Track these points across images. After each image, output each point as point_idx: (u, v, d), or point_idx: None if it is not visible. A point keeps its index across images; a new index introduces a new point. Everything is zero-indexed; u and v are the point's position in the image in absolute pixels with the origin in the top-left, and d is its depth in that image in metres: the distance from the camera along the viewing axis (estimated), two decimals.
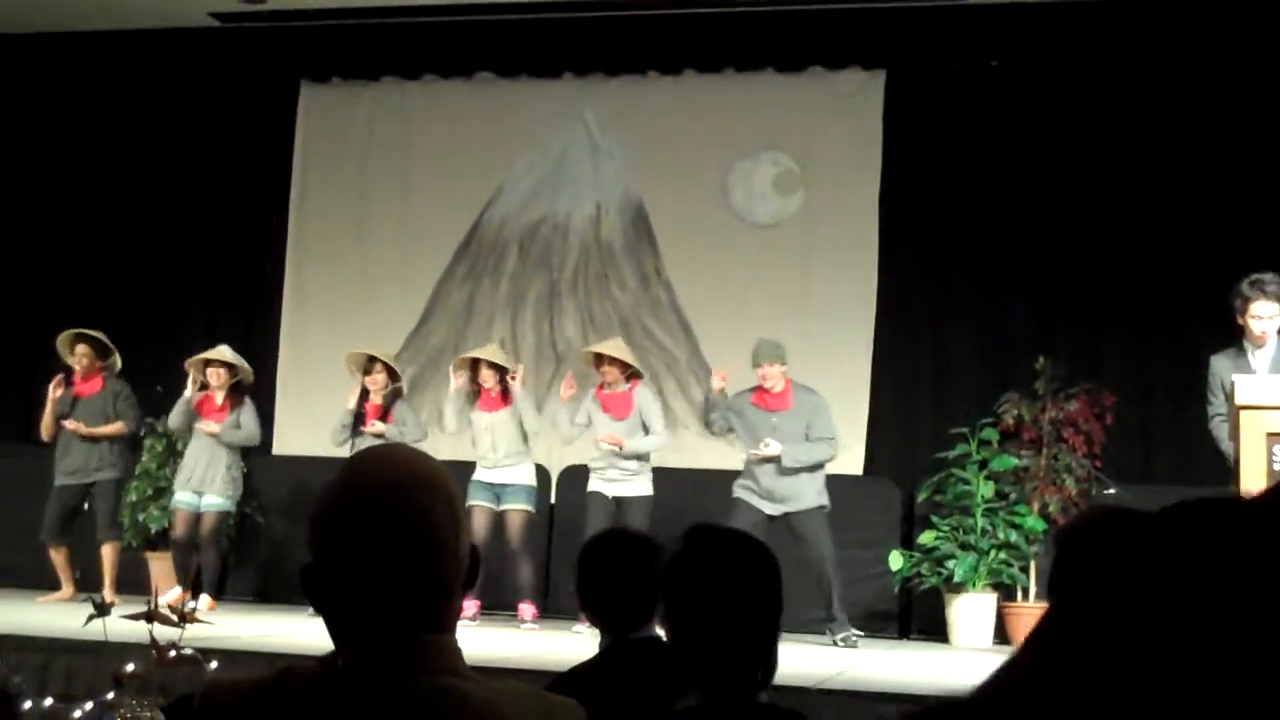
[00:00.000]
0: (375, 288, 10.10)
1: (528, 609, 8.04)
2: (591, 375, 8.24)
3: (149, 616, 4.15)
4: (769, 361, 7.55)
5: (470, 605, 7.63)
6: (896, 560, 8.27)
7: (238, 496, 8.62)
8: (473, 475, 8.08)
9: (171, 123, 10.39)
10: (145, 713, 3.95)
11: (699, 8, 9.60)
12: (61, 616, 6.00)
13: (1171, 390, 8.59)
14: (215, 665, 4.42)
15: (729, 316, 9.23)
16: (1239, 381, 5.38)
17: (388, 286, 10.07)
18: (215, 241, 10.31)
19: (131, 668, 4.10)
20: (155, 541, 9.25)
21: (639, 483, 7.93)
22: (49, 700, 4.46)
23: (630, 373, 8.07)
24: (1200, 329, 7.87)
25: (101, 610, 4.29)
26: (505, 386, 8.22)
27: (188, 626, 4.21)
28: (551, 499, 9.04)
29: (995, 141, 9.21)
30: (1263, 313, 6.22)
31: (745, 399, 7.68)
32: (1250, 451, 5.15)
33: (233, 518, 8.88)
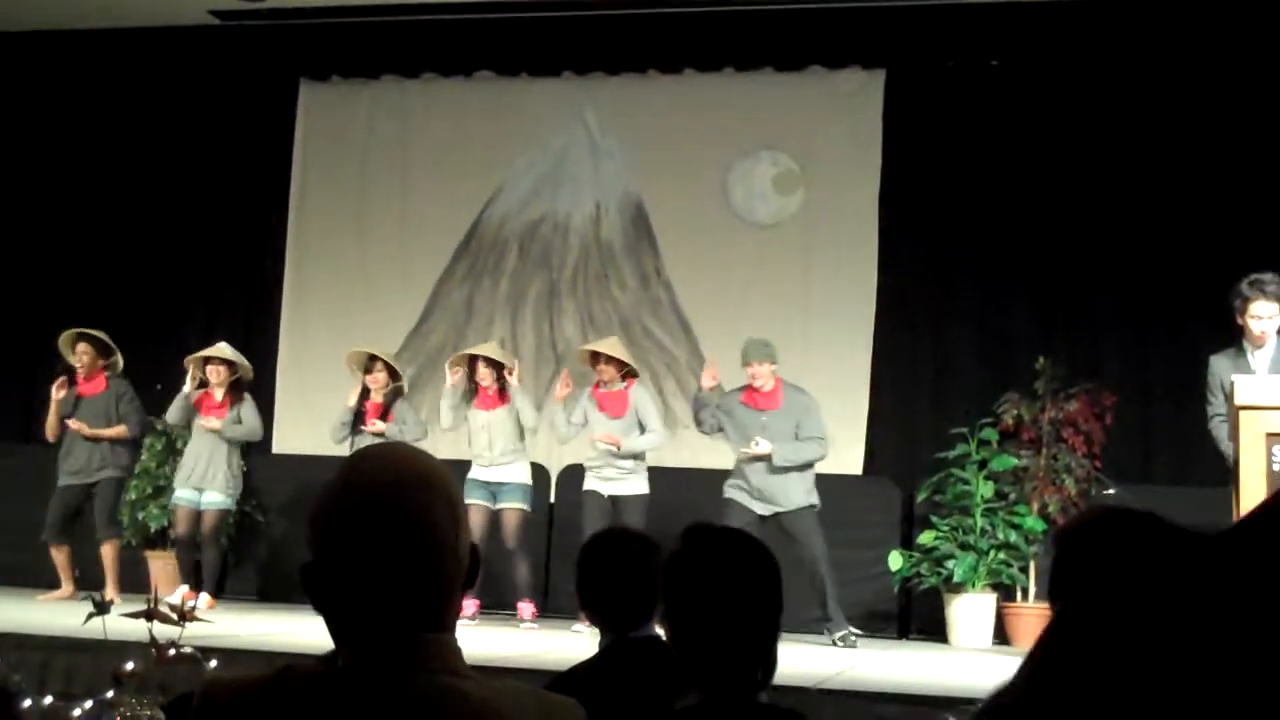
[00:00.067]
0: (375, 286, 10.10)
1: (526, 608, 8.04)
2: (588, 374, 8.23)
3: (148, 615, 4.16)
4: (758, 361, 7.54)
5: (470, 604, 7.63)
6: (896, 560, 8.28)
7: (238, 494, 8.61)
8: (468, 474, 8.07)
9: (171, 121, 10.39)
10: (145, 711, 3.95)
11: (699, 7, 9.59)
12: (61, 615, 6.00)
13: (1171, 390, 8.59)
14: (215, 664, 4.42)
15: (729, 316, 9.23)
16: (1238, 382, 5.39)
17: (387, 285, 10.07)
18: (215, 240, 10.31)
19: (131, 666, 4.10)
20: (155, 540, 9.25)
21: (635, 481, 7.93)
22: (49, 698, 4.46)
23: (626, 371, 8.07)
24: (1200, 329, 7.87)
25: (101, 608, 4.29)
26: (502, 384, 8.21)
27: (187, 625, 4.21)
28: (551, 498, 9.04)
29: (995, 141, 9.21)
30: (1262, 313, 6.22)
31: (735, 398, 7.68)
32: (1250, 452, 5.16)
33: (233, 516, 8.88)
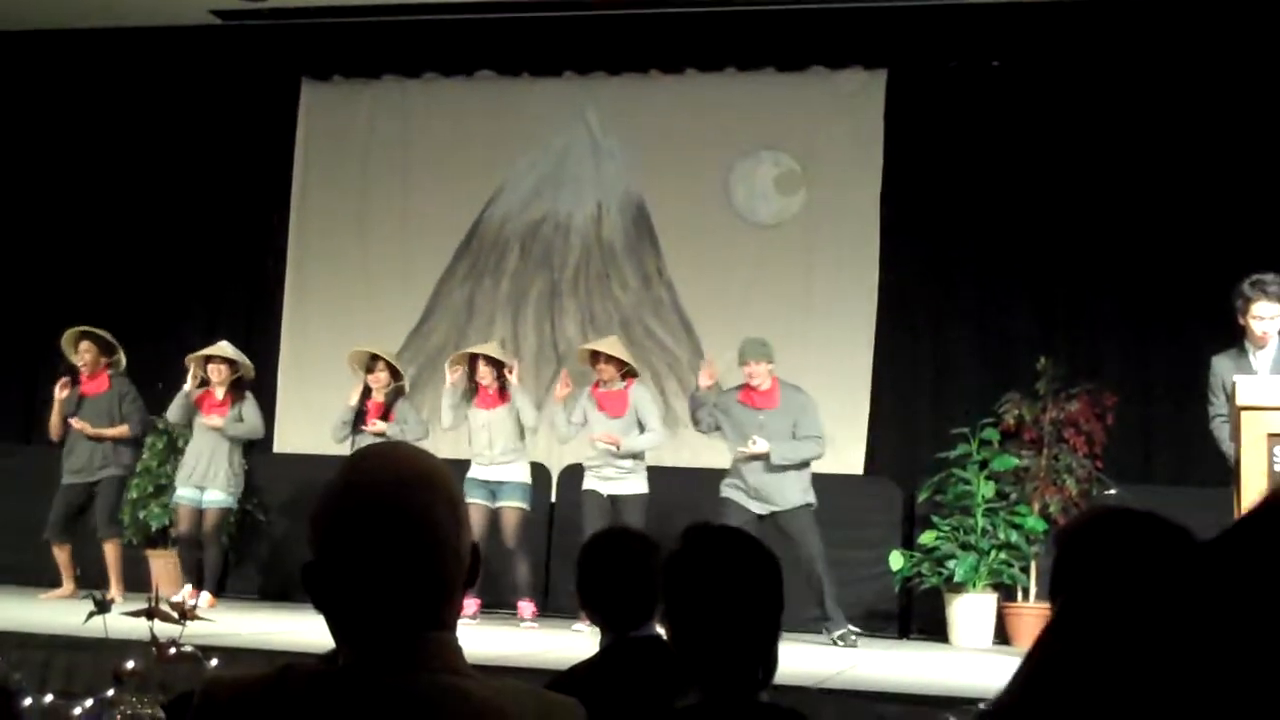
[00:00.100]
0: (376, 286, 10.10)
1: (526, 607, 8.04)
2: (588, 374, 8.23)
3: (149, 613, 4.16)
4: (755, 360, 7.54)
5: (470, 604, 7.63)
6: (897, 560, 8.27)
7: (240, 492, 8.61)
8: (468, 473, 8.07)
9: (173, 121, 10.39)
10: (145, 710, 3.95)
11: (701, 7, 9.59)
12: (62, 613, 6.00)
13: (1172, 390, 8.59)
14: (215, 663, 4.42)
15: (730, 316, 9.23)
16: (1240, 382, 5.38)
17: (389, 285, 10.07)
18: (216, 239, 10.31)
19: (132, 665, 4.10)
20: (156, 539, 9.25)
21: (634, 480, 7.93)
22: (49, 697, 4.46)
23: (626, 371, 8.07)
24: (1201, 329, 7.87)
25: (102, 607, 4.29)
26: (503, 383, 8.21)
27: (188, 624, 4.21)
28: (552, 498, 9.04)
29: (996, 141, 9.21)
30: (1264, 313, 6.22)
31: (732, 397, 7.68)
32: (1251, 452, 5.15)
33: (234, 514, 8.87)
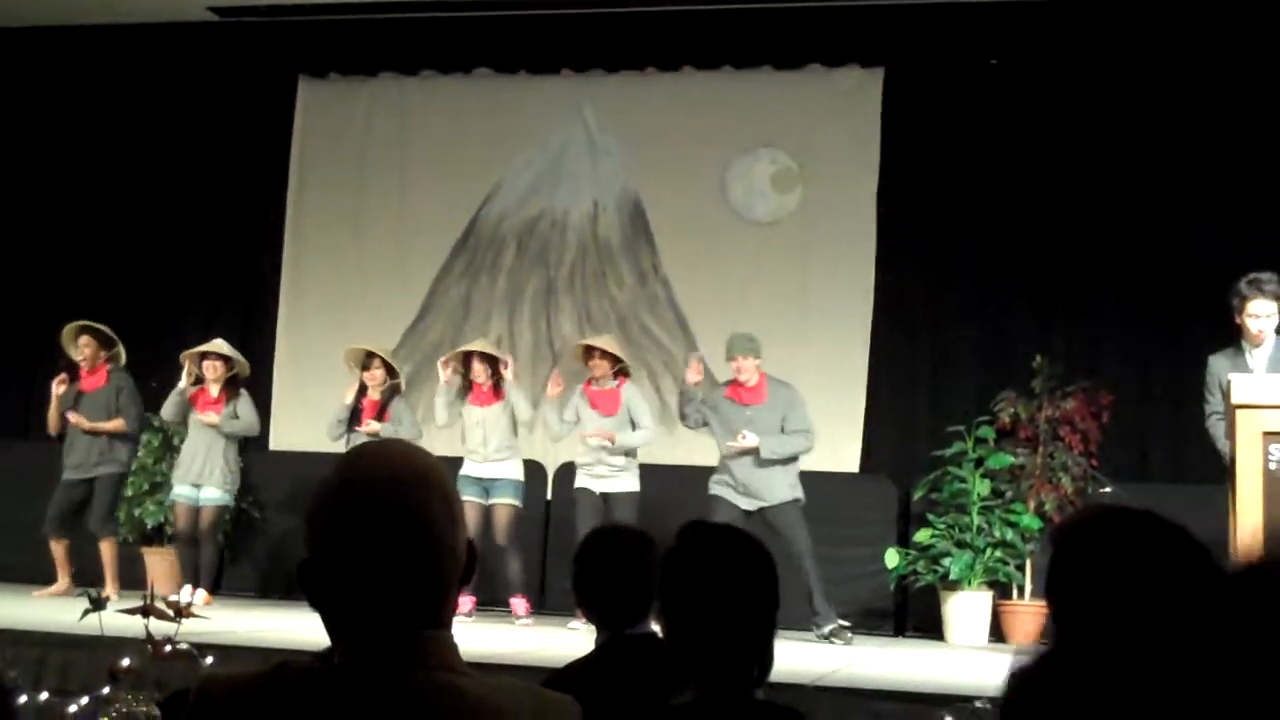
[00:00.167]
0: (372, 283, 10.09)
1: (520, 604, 8.03)
2: (580, 374, 8.23)
3: (145, 611, 4.16)
4: (743, 355, 7.55)
5: (466, 601, 7.63)
6: (892, 558, 8.27)
7: (236, 489, 8.59)
8: (461, 470, 8.06)
9: (169, 117, 10.38)
10: (140, 707, 3.95)
11: (698, 5, 9.58)
12: (57, 611, 5.99)
13: (1168, 389, 8.60)
14: (211, 660, 4.42)
15: (727, 314, 9.22)
16: (1235, 380, 5.39)
17: (385, 282, 10.06)
18: (213, 236, 10.30)
19: (127, 662, 4.10)
20: (151, 536, 9.24)
21: (626, 478, 7.94)
22: (44, 694, 4.46)
23: (619, 369, 8.07)
24: (1197, 328, 7.88)
25: (97, 605, 4.29)
26: (497, 381, 8.21)
27: (183, 621, 4.21)
28: (547, 495, 9.04)
29: (993, 139, 9.21)
30: (1260, 311, 6.22)
31: (720, 393, 7.68)
32: (1246, 450, 5.16)
33: (230, 512, 8.87)
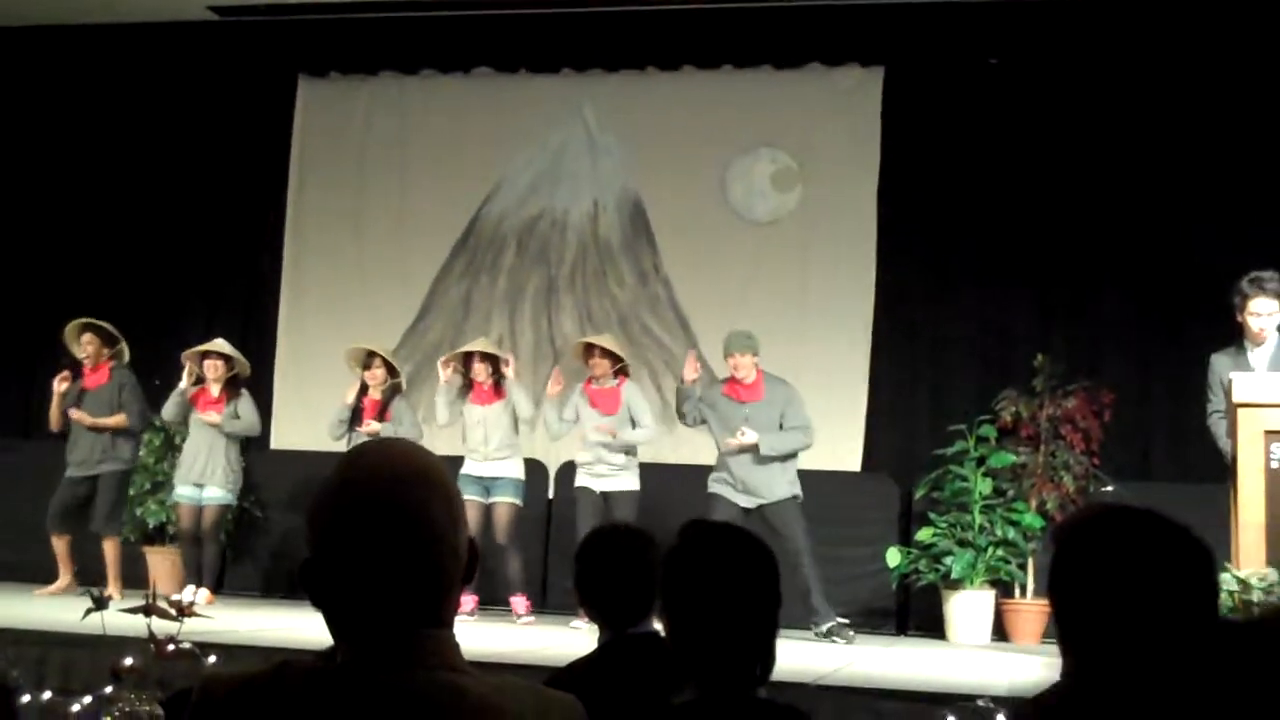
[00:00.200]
0: (373, 283, 10.09)
1: (520, 602, 8.03)
2: (581, 373, 8.23)
3: (147, 610, 4.16)
4: (740, 352, 7.54)
5: (468, 600, 7.63)
6: (894, 557, 8.27)
7: (238, 488, 8.60)
8: (461, 469, 8.06)
9: (170, 117, 10.38)
10: (143, 707, 3.95)
11: (698, 4, 9.58)
12: (59, 610, 5.99)
13: (1170, 387, 8.59)
14: (213, 659, 4.42)
15: (727, 313, 9.20)
16: (1236, 379, 5.40)
17: (385, 282, 10.06)
18: (213, 236, 10.30)
19: (130, 662, 4.10)
20: (153, 536, 9.24)
21: (626, 477, 7.95)
22: (47, 694, 4.46)
23: (619, 369, 8.07)
24: (1199, 327, 7.88)
25: (99, 604, 4.29)
26: (498, 379, 8.21)
27: (186, 621, 4.22)
28: (549, 495, 9.04)
29: (994, 138, 9.20)
30: (1261, 309, 6.22)
31: (717, 390, 7.68)
32: (1248, 449, 5.17)
33: (233, 511, 8.87)
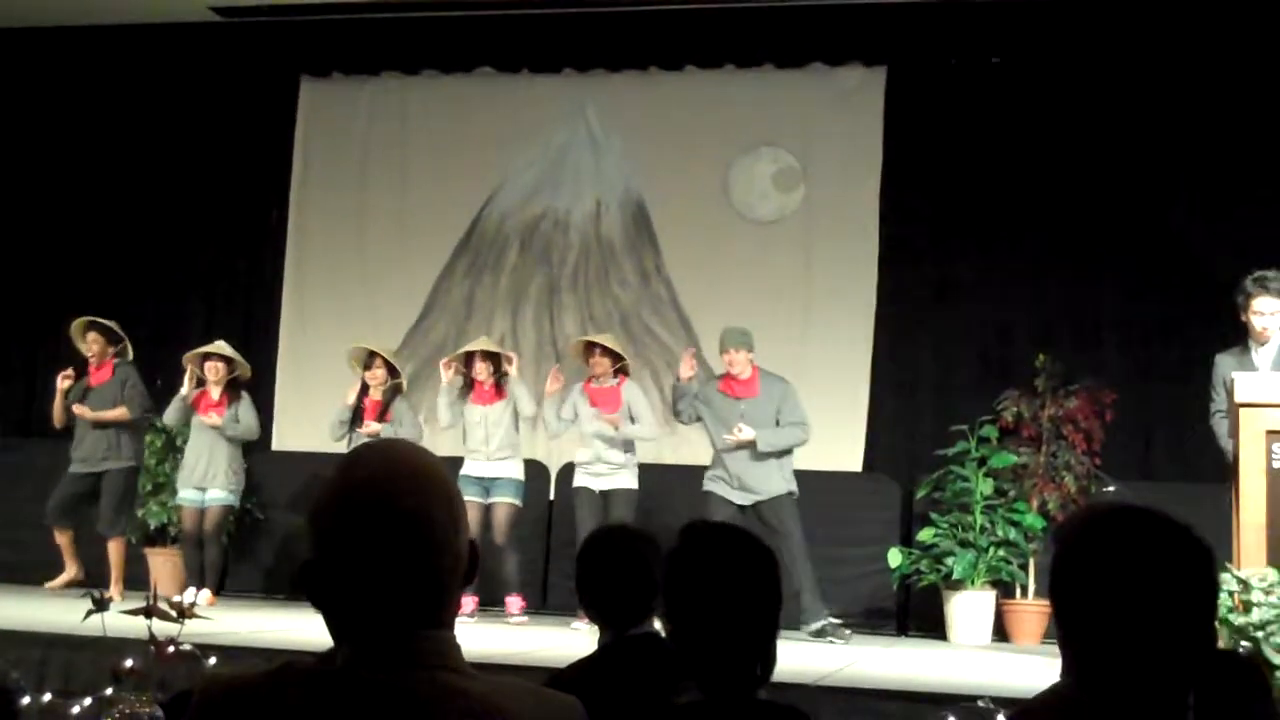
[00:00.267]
0: (375, 283, 10.09)
1: (514, 602, 8.02)
2: (580, 372, 8.23)
3: (148, 612, 4.16)
4: (735, 348, 7.54)
5: (468, 601, 7.63)
6: (895, 557, 8.27)
7: (240, 490, 8.60)
8: (461, 470, 8.06)
9: (172, 117, 10.38)
10: (143, 709, 3.94)
11: (700, 4, 9.58)
12: (60, 611, 5.99)
13: (1171, 387, 8.58)
14: (214, 661, 4.42)
15: (729, 313, 9.17)
16: (1238, 379, 5.39)
17: (387, 282, 10.06)
18: (215, 236, 10.30)
19: (130, 663, 4.10)
20: (155, 537, 9.24)
21: (624, 476, 7.96)
22: (47, 696, 4.45)
23: (619, 367, 8.07)
24: (1200, 327, 7.88)
25: (100, 605, 4.29)
26: (499, 380, 8.21)
27: (186, 622, 4.21)
28: (550, 495, 9.04)
29: (996, 137, 9.20)
30: (1265, 309, 6.22)
31: (712, 387, 7.67)
32: (1250, 449, 5.16)
33: (235, 512, 8.87)
